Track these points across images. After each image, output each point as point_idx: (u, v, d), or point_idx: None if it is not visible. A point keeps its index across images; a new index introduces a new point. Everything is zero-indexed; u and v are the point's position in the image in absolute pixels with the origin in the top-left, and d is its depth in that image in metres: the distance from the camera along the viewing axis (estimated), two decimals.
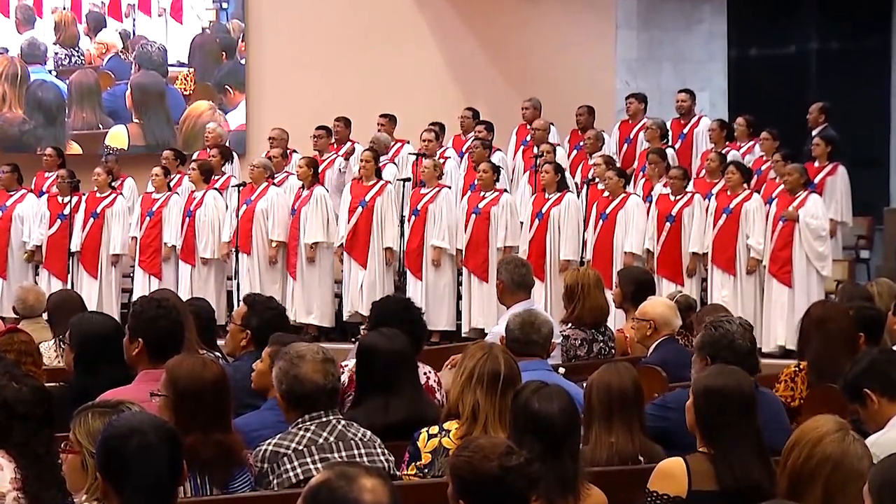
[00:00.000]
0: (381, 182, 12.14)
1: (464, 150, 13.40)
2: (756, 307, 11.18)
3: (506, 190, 12.13)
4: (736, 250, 11.27)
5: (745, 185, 11.41)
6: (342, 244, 12.08)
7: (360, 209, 12.04)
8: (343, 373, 5.22)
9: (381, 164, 12.41)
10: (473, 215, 11.85)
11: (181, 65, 15.38)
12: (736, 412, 4.22)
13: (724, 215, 11.31)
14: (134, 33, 15.38)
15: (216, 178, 12.78)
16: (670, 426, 4.91)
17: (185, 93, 15.40)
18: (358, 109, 13.69)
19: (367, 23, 14.94)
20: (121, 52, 15.44)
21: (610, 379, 4.76)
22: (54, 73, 15.50)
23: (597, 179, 11.82)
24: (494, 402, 4.57)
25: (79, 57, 15.45)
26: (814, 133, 12.54)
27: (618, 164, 12.40)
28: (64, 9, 15.56)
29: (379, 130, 13.33)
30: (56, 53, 15.47)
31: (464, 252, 11.87)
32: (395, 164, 13.09)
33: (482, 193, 11.92)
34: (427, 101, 14.52)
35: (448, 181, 12.63)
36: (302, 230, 12.05)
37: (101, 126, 15.39)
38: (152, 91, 15.33)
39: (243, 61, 15.19)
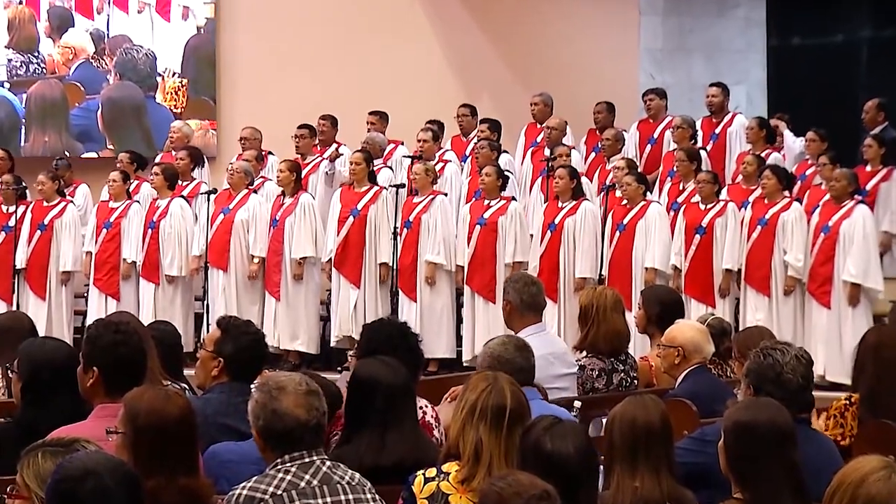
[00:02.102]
0: (375, 188, 12.15)
1: (466, 152, 13.41)
2: (796, 332, 11.17)
3: (513, 198, 12.13)
4: (771, 267, 11.29)
5: (784, 193, 11.42)
6: (330, 259, 12.10)
7: (350, 219, 12.05)
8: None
9: (374, 168, 12.41)
10: (478, 226, 11.86)
11: (170, 74, 14.61)
12: (770, 451, 4.20)
13: (759, 227, 11.32)
14: (108, 34, 14.67)
15: (184, 183, 12.79)
16: (709, 462, 4.90)
17: (174, 110, 14.79)
18: (345, 106, 13.70)
19: (357, 8, 14.97)
20: (92, 57, 14.55)
21: (634, 413, 4.74)
22: (6, 84, 14.66)
23: (617, 186, 11.83)
24: (500, 439, 4.56)
25: (38, 64, 14.58)
26: (871, 134, 12.53)
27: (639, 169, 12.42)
28: (20, 3, 14.62)
29: (369, 130, 13.34)
30: (9, 60, 14.59)
31: (466, 269, 11.88)
32: (390, 167, 13.09)
33: (487, 202, 11.95)
34: (424, 97, 14.54)
35: (447, 188, 12.64)
36: (287, 244, 12.06)
37: (68, 152, 14.36)
38: (126, 107, 14.59)
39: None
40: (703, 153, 12.55)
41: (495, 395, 4.62)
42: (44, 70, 14.69)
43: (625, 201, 11.68)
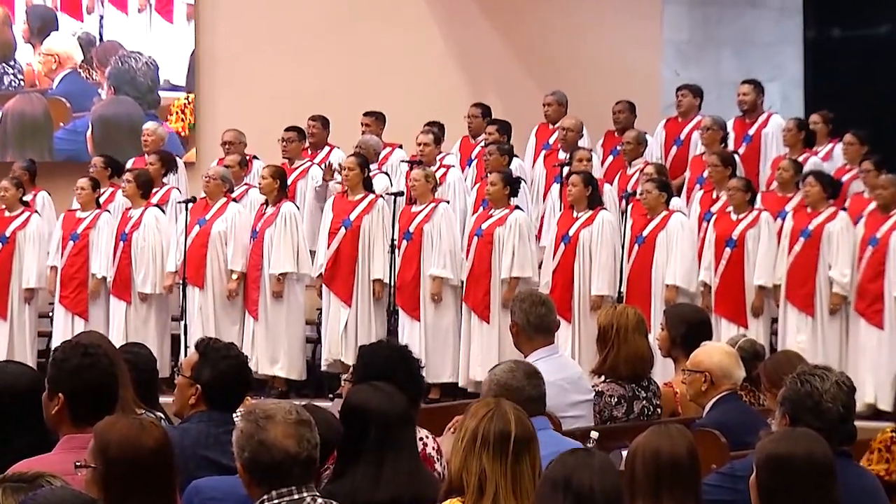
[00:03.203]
0: (370, 197, 12.17)
1: (473, 156, 13.41)
2: (841, 356, 11.17)
3: (518, 207, 12.12)
4: (815, 284, 11.29)
5: (829, 201, 11.43)
6: (321, 275, 12.11)
7: (342, 230, 12.07)
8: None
9: (370, 174, 12.40)
10: (476, 238, 11.90)
11: (174, 88, 14.34)
12: (807, 488, 4.21)
13: (802, 239, 11.32)
14: (101, 37, 14.36)
15: (153, 190, 12.75)
16: (740, 500, 4.90)
17: (182, 134, 14.61)
18: (338, 106, 13.73)
19: None
20: (80, 66, 14.18)
21: (659, 445, 4.74)
22: None
23: (640, 193, 11.84)
24: (505, 469, 4.56)
25: (15, 76, 14.17)
26: None
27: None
28: None
29: (364, 132, 13.36)
30: None
31: (464, 284, 11.90)
32: (386, 173, 13.09)
33: (491, 212, 11.97)
34: (424, 95, 14.56)
35: (449, 195, 12.65)
36: (266, 258, 12.09)
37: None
38: (122, 127, 14.15)
39: None
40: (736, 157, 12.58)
41: (497, 420, 4.63)
42: (21, 82, 14.25)
43: (647, 211, 11.68)
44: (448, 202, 12.36)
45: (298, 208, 12.47)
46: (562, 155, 12.97)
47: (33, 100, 14.15)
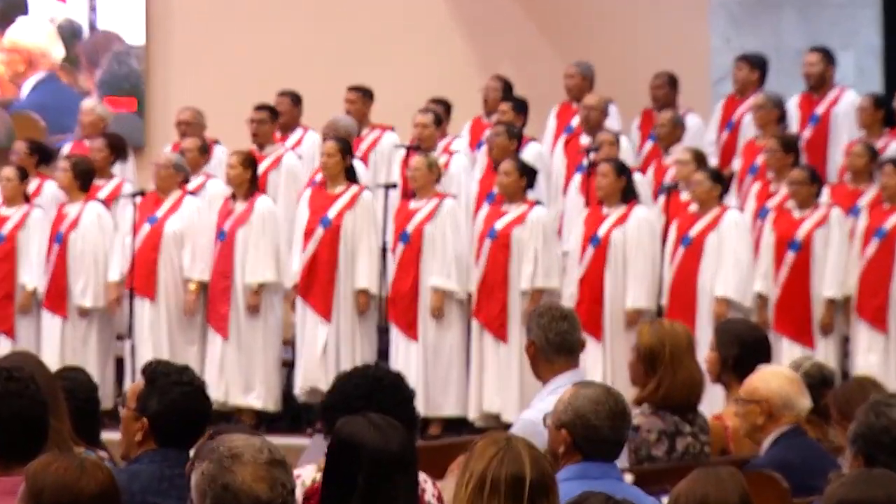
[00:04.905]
0: (354, 189, 12.19)
1: (484, 139, 13.38)
2: None
3: (539, 202, 12.15)
4: (889, 294, 11.33)
5: None
6: (295, 284, 12.13)
7: (320, 230, 12.09)
8: (296, 485, 5.21)
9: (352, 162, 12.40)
10: (488, 240, 11.90)
11: None
12: None
13: (876, 240, 11.35)
14: (94, 26, 14.16)
15: (100, 183, 12.76)
16: None
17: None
18: (315, 80, 13.72)
19: None
20: (60, 67, 13.78)
21: (705, 490, 4.76)
22: None
23: (680, 186, 11.83)
24: None
25: None
26: None
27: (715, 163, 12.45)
28: None
29: (347, 111, 13.35)
30: None
31: (474, 296, 11.92)
32: (363, 161, 13.02)
33: (504, 207, 11.98)
34: (424, 67, 14.55)
35: (454, 188, 12.65)
36: (239, 264, 12.10)
37: None
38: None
39: None
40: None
41: (509, 462, 4.63)
42: None
43: (694, 206, 11.67)
44: (455, 197, 12.36)
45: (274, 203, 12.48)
46: (584, 140, 12.95)
47: None
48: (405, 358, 11.72)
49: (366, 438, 5.10)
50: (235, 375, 12.13)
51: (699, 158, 12.10)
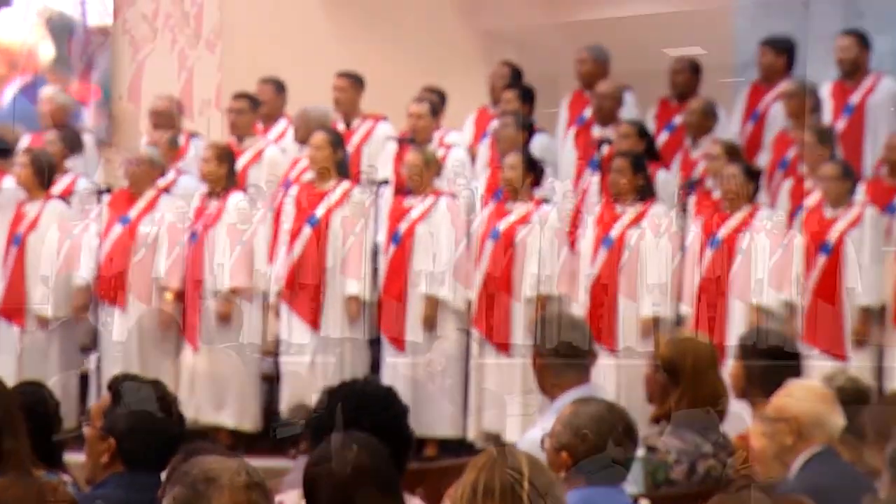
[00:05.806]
0: (345, 185, 12.23)
1: (489, 130, 13.39)
2: None
3: (546, 200, 12.19)
4: None
5: None
6: (279, 290, 12.17)
7: (307, 230, 12.13)
8: None
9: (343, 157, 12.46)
10: (490, 241, 11.94)
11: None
12: None
13: None
14: (86, 18, 14.30)
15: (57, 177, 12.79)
16: None
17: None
18: (298, 66, 13.75)
19: None
20: (50, 70, 13.85)
21: None
22: None
23: (708, 182, 11.84)
24: None
25: None
26: None
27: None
28: None
29: (336, 99, 13.37)
30: None
31: (474, 303, 11.95)
32: (356, 155, 13.01)
33: (508, 206, 12.02)
34: (420, 51, 14.58)
35: (449, 185, 12.66)
36: (211, 268, 12.15)
37: None
38: None
39: None
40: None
41: (501, 469, 4.65)
42: None
43: (724, 204, 11.69)
44: (454, 195, 12.38)
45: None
46: (596, 131, 12.96)
47: None
48: (393, 372, 11.74)
49: (349, 461, 5.10)
50: (206, 390, 12.16)
51: (731, 151, 12.09)
